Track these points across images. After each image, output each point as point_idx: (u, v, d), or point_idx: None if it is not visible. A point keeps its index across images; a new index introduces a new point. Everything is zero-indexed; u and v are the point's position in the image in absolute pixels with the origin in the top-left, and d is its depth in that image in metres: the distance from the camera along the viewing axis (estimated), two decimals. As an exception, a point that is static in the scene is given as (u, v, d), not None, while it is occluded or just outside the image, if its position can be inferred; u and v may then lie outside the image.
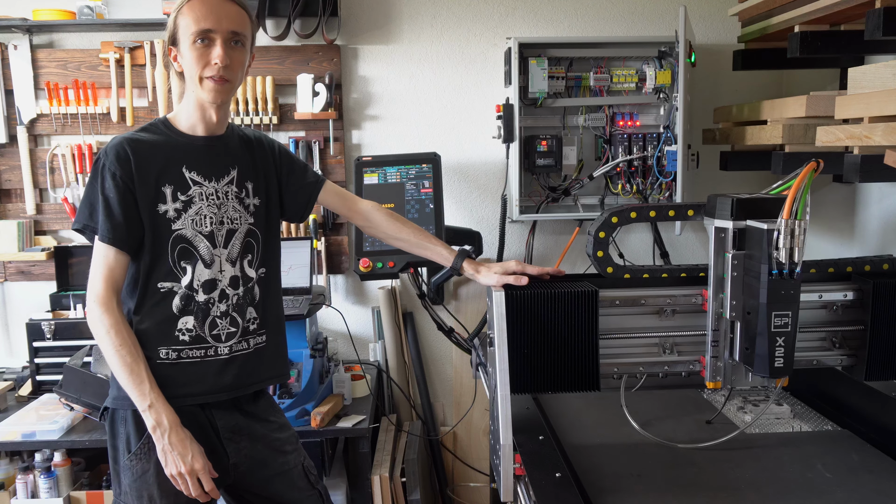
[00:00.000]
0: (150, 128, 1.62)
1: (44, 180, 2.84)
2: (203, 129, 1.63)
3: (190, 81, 1.57)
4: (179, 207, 1.58)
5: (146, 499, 1.59)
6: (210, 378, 1.62)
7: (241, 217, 1.66)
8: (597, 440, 1.72)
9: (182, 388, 1.59)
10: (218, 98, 1.57)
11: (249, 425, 1.69)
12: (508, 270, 1.61)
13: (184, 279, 1.59)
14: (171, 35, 1.57)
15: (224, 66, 1.53)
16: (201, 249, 1.60)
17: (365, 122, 2.91)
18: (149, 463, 1.57)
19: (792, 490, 1.45)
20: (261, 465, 1.70)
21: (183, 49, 1.55)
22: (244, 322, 1.67)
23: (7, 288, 2.94)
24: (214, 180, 1.63)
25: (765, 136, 2.18)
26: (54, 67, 2.79)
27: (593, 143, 2.79)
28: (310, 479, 1.79)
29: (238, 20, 1.56)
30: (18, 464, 2.45)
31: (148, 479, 1.58)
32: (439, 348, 3.00)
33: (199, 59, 1.53)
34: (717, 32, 2.90)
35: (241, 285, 1.66)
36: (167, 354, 1.59)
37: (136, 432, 1.58)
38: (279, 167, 1.77)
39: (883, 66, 1.59)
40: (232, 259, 1.64)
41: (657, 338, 1.65)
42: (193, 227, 1.59)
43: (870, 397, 1.73)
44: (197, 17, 1.52)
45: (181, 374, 1.59)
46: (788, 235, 1.36)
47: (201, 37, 1.52)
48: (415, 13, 2.87)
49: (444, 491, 2.91)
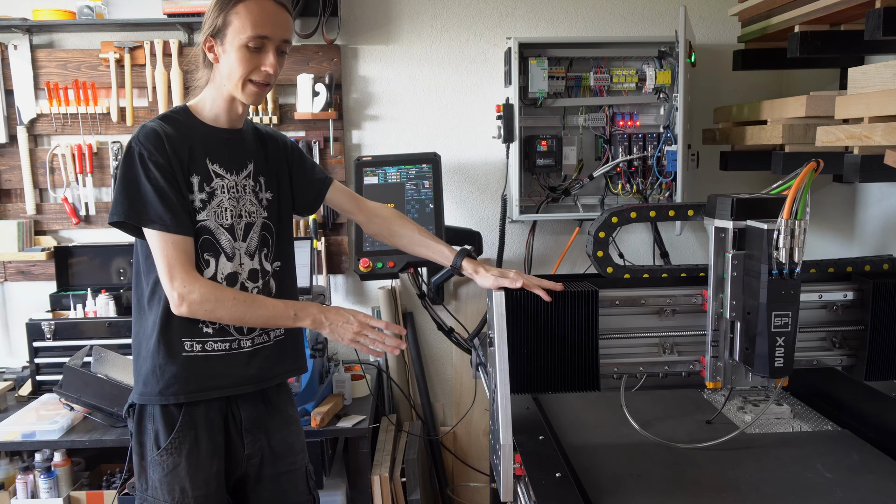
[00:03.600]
0: (173, 115, 1.61)
1: (44, 180, 2.84)
2: (226, 121, 1.63)
3: (227, 79, 1.56)
4: (204, 199, 1.58)
5: (178, 492, 1.59)
6: (236, 370, 1.63)
7: (257, 211, 1.67)
8: (597, 440, 1.72)
9: (210, 381, 1.60)
10: (255, 101, 1.58)
11: (271, 418, 1.70)
12: (506, 276, 1.62)
13: (207, 271, 1.58)
14: (215, 28, 1.54)
15: (273, 73, 1.54)
16: (223, 242, 1.60)
17: (365, 122, 2.91)
18: (180, 457, 1.58)
19: (792, 490, 1.45)
20: (272, 460, 1.71)
21: (229, 47, 1.53)
22: None
23: (7, 288, 2.94)
24: (234, 173, 1.63)
25: (765, 136, 2.18)
26: (54, 67, 2.79)
27: (593, 143, 2.79)
28: (309, 484, 1.79)
29: (289, 28, 1.57)
30: (18, 464, 2.45)
31: (180, 473, 1.58)
32: (439, 348, 3.00)
33: (248, 63, 1.53)
34: (717, 32, 2.90)
35: (259, 278, 1.67)
36: (192, 346, 1.58)
37: (165, 428, 1.58)
38: (290, 162, 1.78)
39: (883, 66, 1.59)
40: (250, 252, 1.65)
41: (657, 338, 1.65)
42: (216, 220, 1.59)
43: (870, 397, 1.73)
44: (256, 22, 1.51)
45: (209, 367, 1.60)
46: (788, 235, 1.36)
47: (256, 42, 1.52)
48: (415, 13, 2.87)
49: (444, 491, 2.91)
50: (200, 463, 1.60)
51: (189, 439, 1.59)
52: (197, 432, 1.59)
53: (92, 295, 2.69)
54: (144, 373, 1.60)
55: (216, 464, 1.62)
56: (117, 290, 2.73)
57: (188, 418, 1.59)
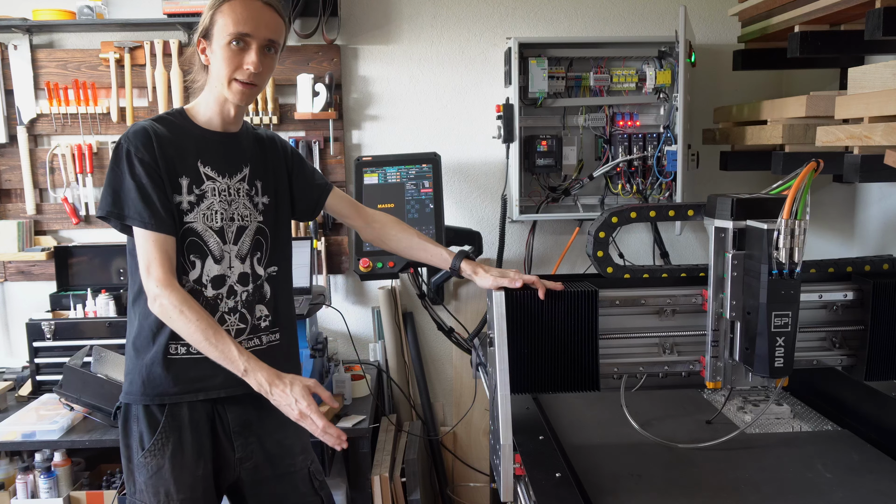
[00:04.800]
0: (168, 116, 1.61)
1: (44, 180, 2.84)
2: (220, 124, 1.63)
3: (215, 79, 1.57)
4: (193, 201, 1.58)
5: (163, 495, 1.58)
6: (223, 373, 1.58)
7: (251, 214, 1.66)
8: (597, 440, 1.72)
9: (196, 383, 1.59)
10: (243, 100, 1.58)
11: (262, 422, 1.68)
12: (506, 276, 1.61)
13: (192, 273, 1.58)
14: (204, 28, 1.56)
15: (256, 72, 1.54)
16: (211, 245, 1.60)
17: (365, 122, 2.91)
18: (163, 459, 1.57)
19: (792, 490, 1.45)
20: (266, 463, 1.69)
21: (215, 46, 1.54)
22: (254, 319, 1.67)
23: (7, 288, 2.94)
24: (227, 176, 1.63)
25: (765, 136, 2.18)
26: (54, 67, 2.79)
27: (593, 143, 2.79)
28: (314, 485, 1.78)
29: (275, 28, 1.56)
30: (18, 464, 2.45)
31: (164, 475, 1.58)
32: (439, 348, 3.00)
33: (232, 61, 1.53)
34: (717, 32, 2.90)
35: (250, 282, 1.66)
36: (176, 349, 1.58)
37: (149, 429, 1.58)
38: (290, 167, 1.78)
39: (883, 66, 1.59)
40: (241, 256, 1.64)
41: (657, 338, 1.65)
42: (204, 222, 1.59)
43: (870, 397, 1.73)
44: (237, 20, 1.51)
45: (194, 369, 1.58)
46: (788, 235, 1.36)
47: (237, 39, 1.52)
48: (415, 13, 2.87)
49: (444, 491, 2.91)
50: (185, 465, 1.59)
51: (173, 441, 1.58)
52: (181, 434, 1.59)
53: (92, 295, 2.69)
54: (131, 372, 1.59)
55: (202, 466, 1.61)
56: (117, 290, 2.73)
57: (171, 419, 1.58)
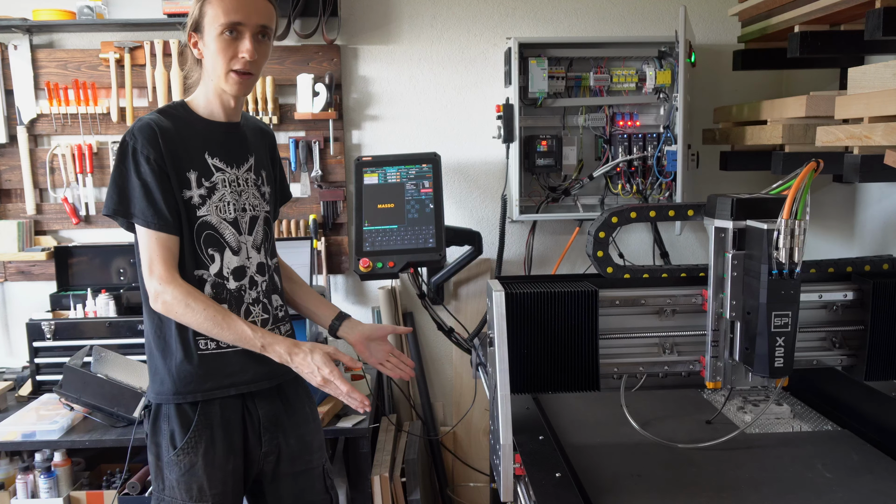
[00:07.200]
0: (170, 110, 1.60)
1: (44, 180, 2.84)
2: (222, 115, 1.62)
3: (211, 72, 1.56)
4: (204, 193, 1.57)
5: (196, 490, 1.58)
6: (252, 366, 1.61)
7: (260, 204, 1.67)
8: (597, 440, 1.72)
9: (227, 379, 1.59)
10: (241, 91, 1.57)
11: (288, 416, 1.69)
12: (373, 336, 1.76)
13: (212, 267, 1.58)
14: (194, 21, 1.54)
15: (252, 60, 1.53)
16: (227, 236, 1.60)
17: (365, 122, 2.91)
18: (196, 456, 1.57)
19: (792, 490, 1.45)
20: (289, 458, 1.70)
21: (207, 38, 1.53)
22: (273, 309, 1.68)
23: (7, 288, 2.94)
24: (235, 167, 1.63)
25: (765, 136, 2.18)
26: (54, 67, 2.79)
27: (593, 143, 2.79)
28: (326, 483, 1.78)
29: (266, 13, 1.55)
30: (18, 464, 2.45)
31: (197, 472, 1.58)
32: (439, 348, 3.00)
33: (226, 51, 1.52)
34: (717, 32, 2.90)
35: (266, 272, 1.66)
36: (206, 344, 1.57)
37: (181, 427, 1.58)
38: (275, 161, 1.80)
39: (883, 66, 1.59)
40: (256, 245, 1.65)
41: (657, 338, 1.65)
42: (218, 214, 1.59)
43: (870, 397, 1.73)
44: (227, 9, 1.50)
45: (224, 364, 1.59)
46: (788, 235, 1.36)
47: (230, 29, 1.51)
48: (415, 13, 2.87)
49: (444, 491, 2.91)
50: (217, 461, 1.59)
51: (205, 438, 1.58)
52: (213, 431, 1.59)
53: (92, 295, 2.69)
54: (160, 372, 1.59)
55: (232, 461, 1.62)
56: (117, 290, 2.73)
57: (204, 417, 1.58)
